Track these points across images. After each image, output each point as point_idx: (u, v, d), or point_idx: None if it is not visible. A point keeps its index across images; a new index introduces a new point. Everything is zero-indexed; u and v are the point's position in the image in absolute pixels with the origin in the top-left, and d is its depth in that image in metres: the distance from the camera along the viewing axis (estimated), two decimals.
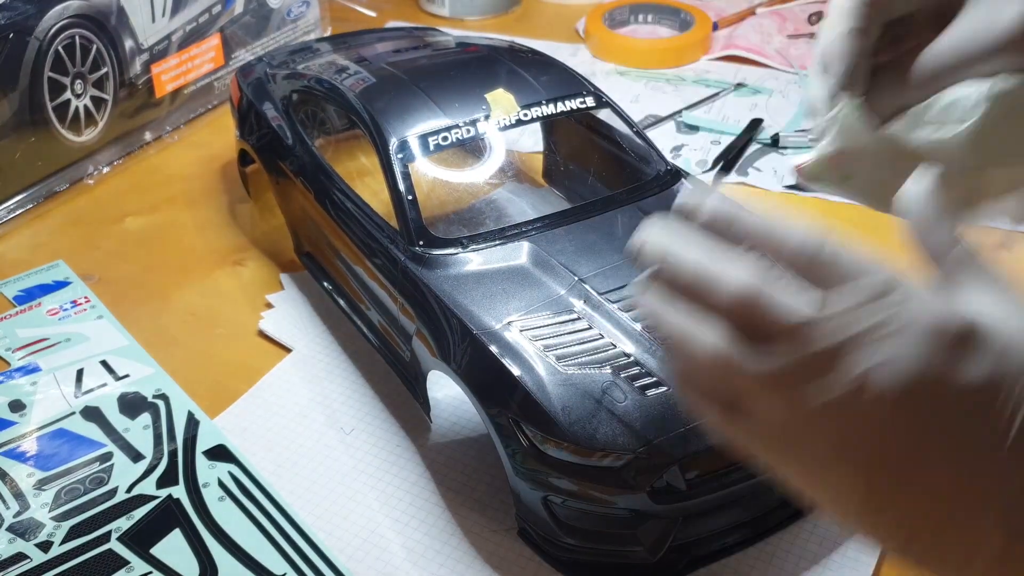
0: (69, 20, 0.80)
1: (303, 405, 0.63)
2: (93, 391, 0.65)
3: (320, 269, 0.72)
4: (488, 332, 0.52)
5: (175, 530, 0.55)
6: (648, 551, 0.51)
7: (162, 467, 0.59)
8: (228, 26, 0.95)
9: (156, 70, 0.89)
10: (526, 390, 0.50)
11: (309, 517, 0.56)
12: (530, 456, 0.50)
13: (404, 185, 0.60)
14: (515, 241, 0.58)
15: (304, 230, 0.72)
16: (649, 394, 0.49)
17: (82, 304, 0.72)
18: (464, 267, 0.57)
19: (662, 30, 1.11)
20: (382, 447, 0.60)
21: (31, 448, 0.60)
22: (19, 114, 0.79)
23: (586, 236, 0.58)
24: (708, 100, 0.97)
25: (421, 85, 0.65)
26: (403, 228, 0.59)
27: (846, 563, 0.53)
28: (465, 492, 0.57)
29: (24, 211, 0.82)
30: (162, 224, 0.82)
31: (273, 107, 0.75)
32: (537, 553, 0.53)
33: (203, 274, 0.76)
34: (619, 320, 0.53)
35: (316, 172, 0.68)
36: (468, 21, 1.14)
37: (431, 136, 0.62)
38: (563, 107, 0.65)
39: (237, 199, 0.84)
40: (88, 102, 0.84)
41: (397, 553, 0.54)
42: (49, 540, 0.55)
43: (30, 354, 0.68)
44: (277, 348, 0.68)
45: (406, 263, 0.58)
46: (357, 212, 0.63)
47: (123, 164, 0.89)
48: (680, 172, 0.65)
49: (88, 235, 0.80)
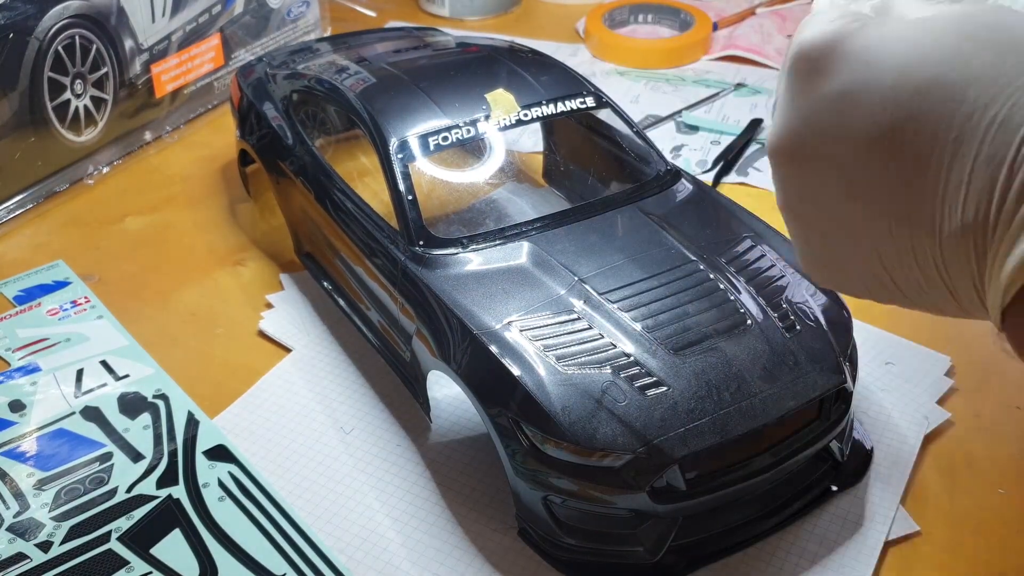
0: (69, 20, 0.80)
1: (303, 405, 0.63)
2: (93, 391, 0.65)
3: (320, 269, 0.72)
4: (488, 332, 0.52)
5: (175, 530, 0.55)
6: (648, 551, 0.51)
7: (162, 467, 0.59)
8: (228, 26, 0.95)
9: (156, 70, 0.89)
10: (526, 390, 0.50)
11: (309, 517, 0.56)
12: (530, 456, 0.50)
13: (404, 185, 0.60)
14: (515, 241, 0.58)
15: (304, 230, 0.72)
16: (649, 394, 0.49)
17: (82, 304, 0.72)
18: (464, 267, 0.57)
19: (662, 30, 1.11)
20: (382, 447, 0.60)
21: (31, 448, 0.60)
22: (19, 114, 0.79)
23: (586, 236, 0.58)
24: (708, 100, 0.97)
25: (421, 85, 0.65)
26: (403, 228, 0.59)
27: (846, 563, 0.53)
28: (465, 492, 0.57)
29: (24, 211, 0.82)
30: (162, 224, 0.82)
31: (273, 107, 0.75)
32: (537, 553, 0.53)
33: (203, 274, 0.76)
34: (619, 320, 0.53)
35: (316, 172, 0.68)
36: (468, 21, 1.14)
37: (431, 136, 0.62)
38: (563, 107, 0.65)
39: (237, 199, 0.84)
40: (88, 102, 0.84)
41: (397, 552, 0.54)
42: (49, 540, 0.55)
43: (30, 354, 0.68)
44: (277, 348, 0.68)
45: (406, 263, 0.58)
46: (357, 212, 0.63)
47: (123, 164, 0.89)
48: (680, 172, 0.65)
49: (88, 235, 0.80)
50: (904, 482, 0.57)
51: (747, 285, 0.55)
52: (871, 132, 0.34)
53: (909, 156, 0.33)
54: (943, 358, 0.66)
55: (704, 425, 0.49)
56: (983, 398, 0.63)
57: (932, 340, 0.67)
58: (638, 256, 0.56)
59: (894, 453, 0.59)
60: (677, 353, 0.51)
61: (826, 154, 0.36)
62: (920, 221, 0.34)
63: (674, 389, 0.50)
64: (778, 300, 0.55)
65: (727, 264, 0.57)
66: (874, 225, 0.36)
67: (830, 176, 0.36)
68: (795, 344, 0.52)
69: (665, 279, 0.55)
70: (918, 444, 0.59)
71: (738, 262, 0.57)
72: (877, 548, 0.53)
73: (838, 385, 0.52)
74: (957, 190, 0.33)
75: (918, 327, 0.68)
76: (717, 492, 0.50)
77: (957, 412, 0.62)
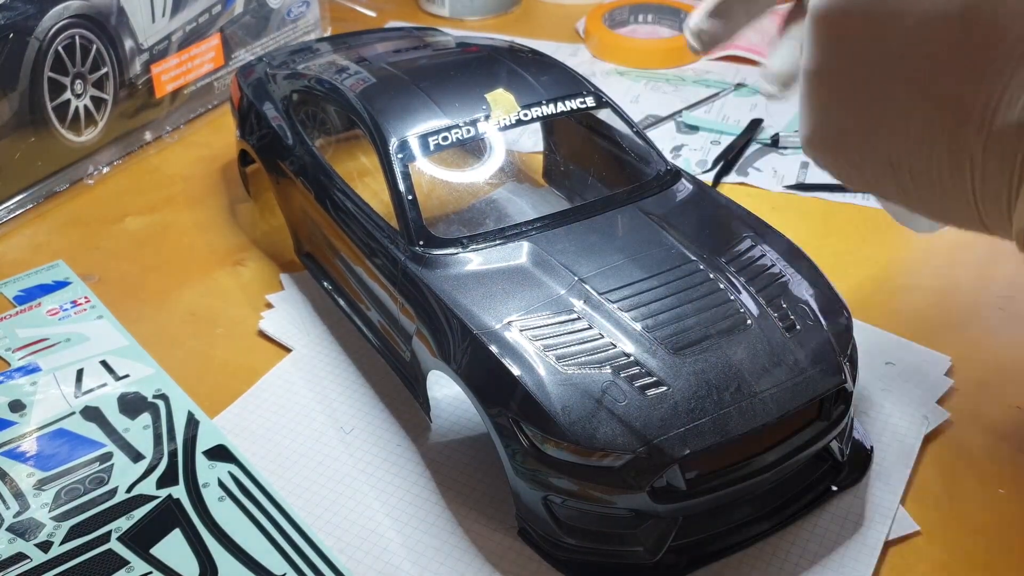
0: (69, 20, 0.80)
1: (303, 405, 0.63)
2: (93, 391, 0.65)
3: (320, 269, 0.72)
4: (488, 332, 0.52)
5: (175, 530, 0.55)
6: (648, 551, 0.51)
7: (162, 467, 0.59)
8: (228, 26, 0.95)
9: (156, 70, 0.89)
10: (526, 390, 0.50)
11: (309, 517, 0.56)
12: (530, 456, 0.50)
13: (404, 185, 0.60)
14: (515, 241, 0.58)
15: (304, 230, 0.72)
16: (649, 394, 0.49)
17: (82, 304, 0.72)
18: (464, 267, 0.57)
19: (662, 30, 1.11)
20: (382, 447, 0.60)
21: (31, 448, 0.60)
22: (19, 114, 0.79)
23: (586, 236, 0.58)
24: (708, 100, 0.97)
25: (421, 85, 0.65)
26: (403, 228, 0.59)
27: (846, 563, 0.53)
28: (465, 492, 0.57)
29: (24, 211, 0.82)
30: (162, 224, 0.82)
31: (273, 107, 0.75)
32: (537, 553, 0.53)
33: (203, 274, 0.76)
34: (619, 320, 0.53)
35: (316, 172, 0.68)
36: (468, 21, 1.14)
37: (431, 136, 0.62)
38: (563, 107, 0.65)
39: (237, 199, 0.84)
40: (88, 102, 0.84)
41: (397, 552, 0.54)
42: (49, 540, 0.55)
43: (30, 354, 0.68)
44: (277, 348, 0.68)
45: (406, 263, 0.58)
46: (357, 212, 0.63)
47: (123, 164, 0.89)
48: (680, 172, 0.65)
49: (88, 235, 0.80)
50: (904, 482, 0.57)
51: (747, 285, 0.55)
52: (945, 6, 0.32)
53: (978, 39, 0.32)
54: (943, 358, 0.66)
55: (704, 425, 0.49)
56: (983, 398, 0.63)
57: (932, 340, 0.67)
58: (638, 256, 0.56)
59: (894, 453, 0.59)
60: (677, 353, 0.51)
61: (885, 20, 0.33)
62: (972, 109, 0.32)
63: (674, 389, 0.50)
64: (778, 300, 0.55)
65: (727, 264, 0.57)
66: (917, 105, 0.33)
67: (883, 44, 0.34)
68: (795, 344, 0.52)
69: (665, 279, 0.55)
70: (918, 444, 0.59)
71: (738, 262, 0.57)
72: (877, 548, 0.53)
73: (838, 385, 0.52)
74: (1022, 87, 0.31)
75: (918, 327, 0.68)
76: (717, 492, 0.50)
77: (957, 412, 0.62)
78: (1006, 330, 0.69)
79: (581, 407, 0.49)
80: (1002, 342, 0.68)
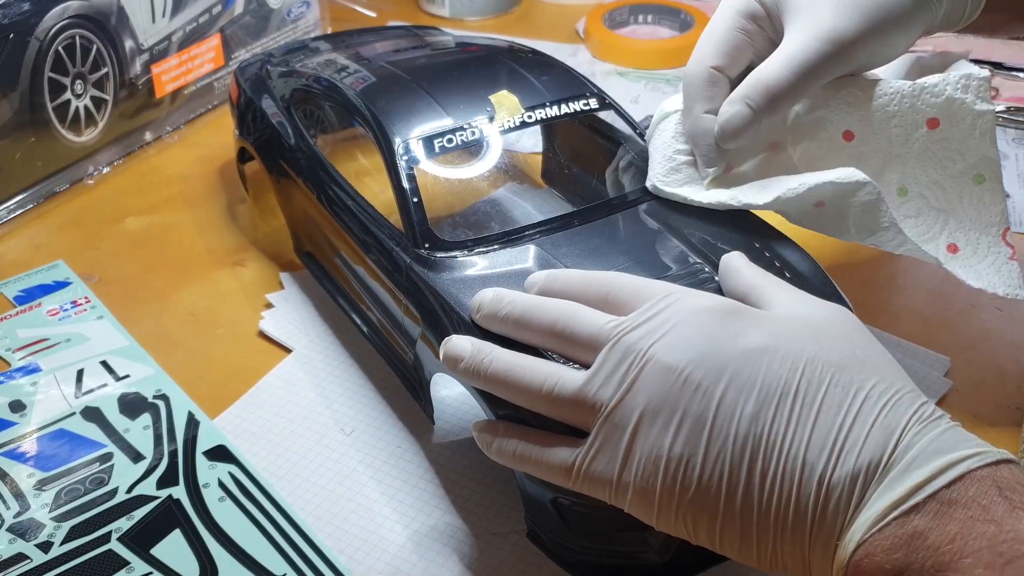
0: (69, 20, 0.80)
1: (304, 405, 0.63)
2: (93, 391, 0.64)
3: (320, 269, 0.71)
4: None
5: (175, 530, 0.55)
6: (657, 553, 0.50)
7: (162, 467, 0.59)
8: (228, 26, 0.95)
9: (156, 70, 0.89)
10: None
11: (309, 517, 0.56)
12: None
13: (409, 187, 0.60)
14: (520, 244, 0.58)
15: (304, 229, 0.72)
16: None
17: (82, 304, 0.72)
18: (469, 270, 0.56)
19: (662, 31, 1.11)
20: (383, 448, 0.60)
21: (31, 448, 0.60)
22: (19, 114, 0.78)
23: (591, 239, 0.58)
24: None
25: (424, 86, 0.65)
26: (408, 230, 0.59)
27: None
28: (468, 493, 0.57)
29: (24, 211, 0.82)
30: (162, 224, 0.82)
31: (273, 105, 0.75)
32: (546, 555, 0.53)
33: (203, 274, 0.76)
34: None
35: (317, 171, 0.68)
36: (468, 21, 1.14)
37: (436, 138, 0.62)
38: (567, 109, 0.65)
39: (237, 199, 0.84)
40: (88, 102, 0.84)
41: (398, 554, 0.54)
42: (49, 540, 0.55)
43: (30, 354, 0.67)
44: (277, 348, 0.68)
45: (411, 265, 0.58)
46: (360, 212, 0.63)
47: (123, 164, 0.89)
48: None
49: (88, 235, 0.80)
50: None
51: None
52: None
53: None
54: (943, 358, 0.66)
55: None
56: (983, 398, 0.63)
57: (932, 340, 0.67)
58: (642, 258, 0.56)
59: None
60: None
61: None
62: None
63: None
64: None
65: None
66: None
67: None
68: None
69: (669, 281, 0.55)
70: None
71: None
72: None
73: None
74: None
75: (918, 327, 0.68)
76: None
77: (957, 412, 0.62)
78: (1005, 331, 0.69)
79: None
80: (1001, 343, 0.68)
